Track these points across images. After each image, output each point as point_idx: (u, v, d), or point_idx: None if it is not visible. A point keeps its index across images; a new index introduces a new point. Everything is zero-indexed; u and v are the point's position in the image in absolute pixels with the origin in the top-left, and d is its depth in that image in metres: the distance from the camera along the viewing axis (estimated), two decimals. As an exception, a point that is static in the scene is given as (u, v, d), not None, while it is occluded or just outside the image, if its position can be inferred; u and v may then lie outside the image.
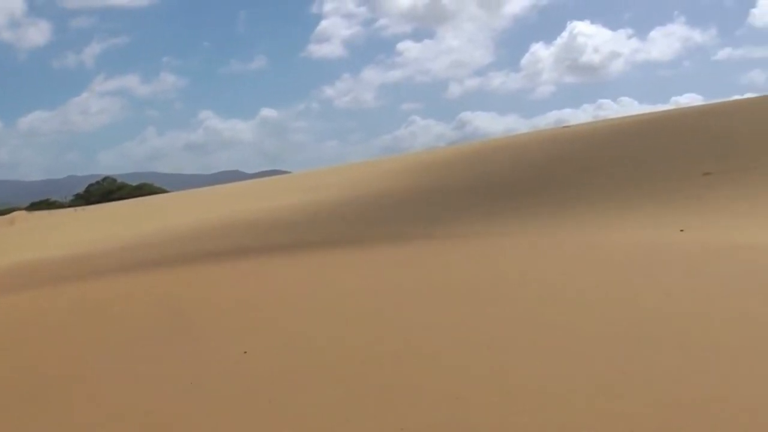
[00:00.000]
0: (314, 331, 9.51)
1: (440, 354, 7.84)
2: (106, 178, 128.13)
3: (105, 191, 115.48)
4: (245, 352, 8.37)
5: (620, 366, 6.98)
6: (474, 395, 6.43)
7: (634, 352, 7.39)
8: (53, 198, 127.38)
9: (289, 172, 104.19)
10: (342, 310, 10.81)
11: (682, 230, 17.73)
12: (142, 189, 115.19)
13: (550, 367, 7.09)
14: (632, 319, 8.85)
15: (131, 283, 16.67)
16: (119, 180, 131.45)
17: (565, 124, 67.11)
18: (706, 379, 6.43)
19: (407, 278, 13.66)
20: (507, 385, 6.63)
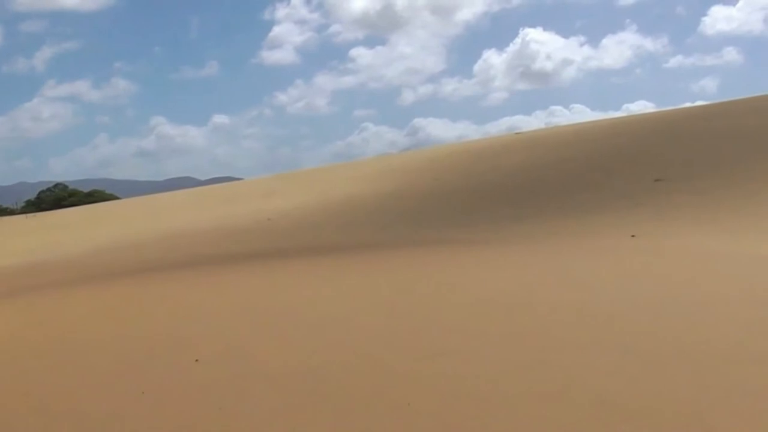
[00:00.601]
0: (267, 339, 9.47)
1: (391, 362, 7.82)
2: (57, 185, 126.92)
3: (56, 198, 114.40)
4: (197, 360, 8.32)
5: (565, 370, 7.01)
6: (424, 402, 6.42)
7: (580, 357, 7.42)
8: (4, 205, 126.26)
9: (242, 179, 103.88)
10: (295, 319, 10.77)
11: (633, 236, 17.85)
12: (94, 196, 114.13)
13: (501, 373, 7.11)
14: (581, 324, 8.90)
15: (83, 294, 16.51)
16: (71, 187, 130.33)
17: (516, 131, 67.30)
18: (649, 383, 6.47)
19: (362, 286, 13.65)
20: (458, 393, 6.62)
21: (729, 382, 6.45)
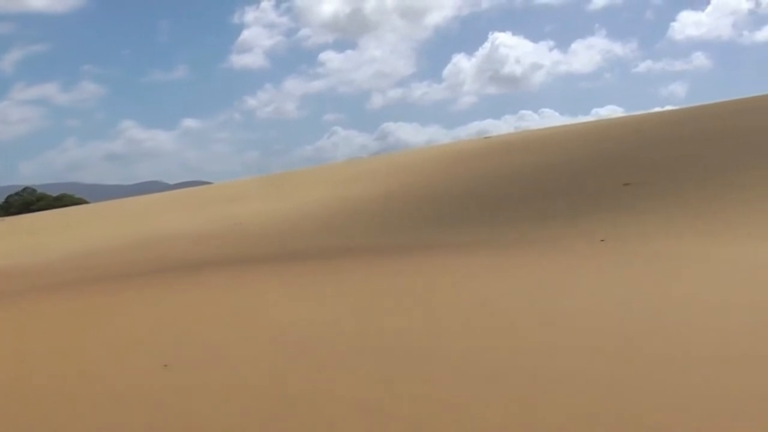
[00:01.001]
0: (237, 345, 9.45)
1: (361, 365, 7.82)
2: (25, 189, 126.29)
3: (25, 202, 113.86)
4: (165, 366, 8.29)
5: (536, 376, 7.02)
6: (395, 407, 6.41)
7: (547, 361, 7.44)
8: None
9: (211, 183, 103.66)
10: (263, 323, 10.77)
11: (602, 240, 17.90)
12: (63, 200, 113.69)
13: (471, 379, 7.11)
14: (547, 330, 8.92)
15: (56, 299, 16.45)
16: (39, 190, 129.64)
17: (486, 135, 67.42)
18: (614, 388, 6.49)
19: (331, 290, 13.65)
20: (429, 398, 6.62)
21: (707, 384, 6.49)
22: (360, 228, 26.72)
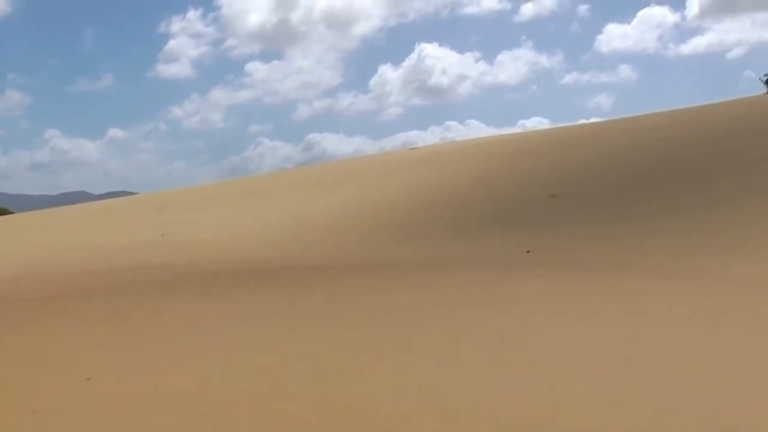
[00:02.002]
0: (159, 355, 9.34)
1: (287, 378, 7.78)
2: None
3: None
4: (89, 379, 8.16)
5: (464, 389, 7.02)
6: (321, 422, 6.38)
7: (479, 375, 7.45)
8: None
9: (136, 193, 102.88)
10: (191, 336, 10.66)
11: (528, 251, 17.99)
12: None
13: (397, 391, 7.10)
14: (475, 340, 8.95)
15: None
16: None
17: (412, 147, 67.58)
18: (549, 400, 6.50)
19: (258, 302, 13.58)
20: (361, 414, 6.58)
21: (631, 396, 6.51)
22: (279, 242, 26.61)
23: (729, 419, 5.99)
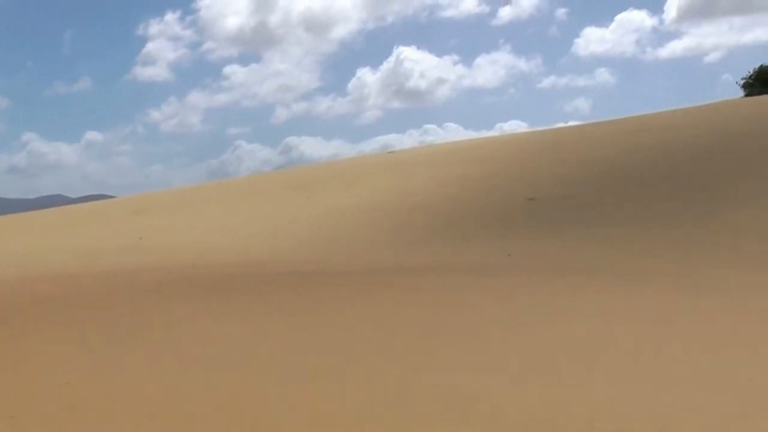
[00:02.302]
0: (137, 359, 9.31)
1: (265, 385, 7.76)
2: None
3: None
4: (66, 383, 8.12)
5: (437, 390, 7.01)
6: (280, 424, 6.39)
7: (453, 376, 7.45)
8: None
9: (114, 197, 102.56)
10: (168, 338, 10.63)
11: (509, 255, 18.01)
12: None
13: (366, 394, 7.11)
14: (450, 343, 8.95)
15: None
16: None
17: (390, 150, 67.55)
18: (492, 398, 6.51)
19: (244, 305, 13.55)
20: (323, 414, 6.59)
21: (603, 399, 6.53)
22: (261, 247, 26.56)
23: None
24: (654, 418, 6.06)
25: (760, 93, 58.94)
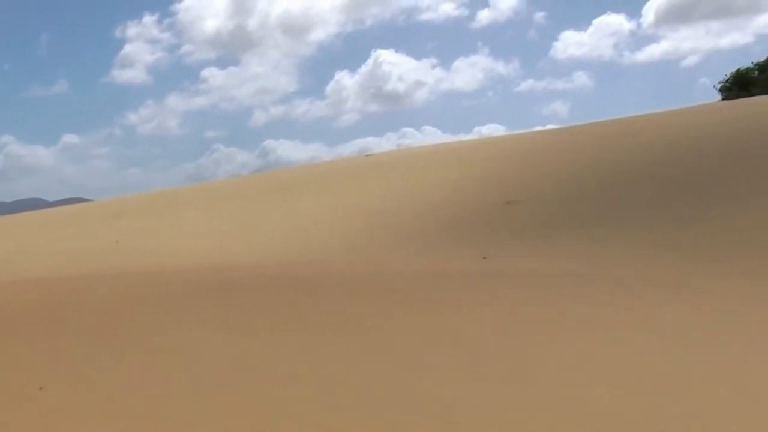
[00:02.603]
0: (113, 365, 9.28)
1: (245, 389, 7.75)
2: None
3: None
4: (41, 388, 8.09)
5: (411, 390, 7.02)
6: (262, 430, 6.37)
7: (427, 379, 7.46)
8: None
9: (91, 200, 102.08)
10: (145, 344, 10.59)
11: (484, 258, 18.02)
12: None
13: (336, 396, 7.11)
14: (423, 349, 8.96)
15: None
16: None
17: (367, 153, 67.51)
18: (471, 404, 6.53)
19: (222, 310, 13.52)
20: (304, 420, 6.59)
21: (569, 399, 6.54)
22: (237, 251, 26.52)
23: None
24: (647, 423, 6.10)
25: (737, 97, 59.30)
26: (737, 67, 68.71)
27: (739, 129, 33.91)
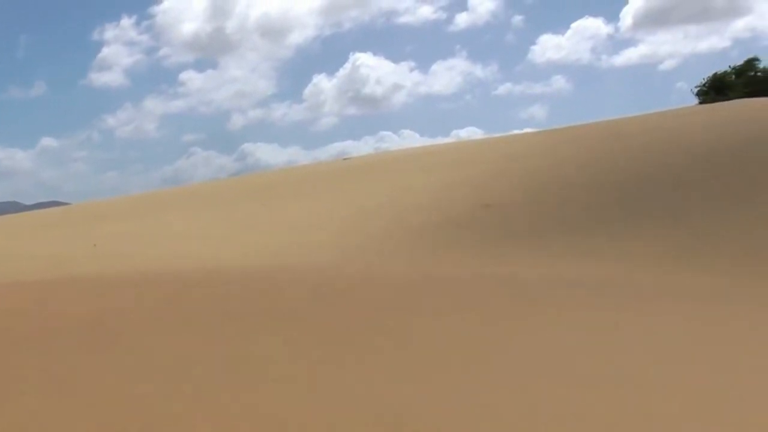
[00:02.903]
0: (93, 368, 9.27)
1: (221, 389, 7.78)
2: None
3: None
4: (22, 394, 8.10)
5: (395, 398, 7.05)
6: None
7: (409, 385, 7.49)
8: None
9: (69, 204, 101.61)
10: (126, 347, 10.60)
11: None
12: None
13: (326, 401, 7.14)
14: (402, 354, 9.00)
15: None
16: None
17: (345, 157, 67.49)
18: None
19: (203, 313, 13.53)
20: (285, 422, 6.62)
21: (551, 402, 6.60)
22: (214, 254, 26.50)
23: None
24: (629, 422, 6.15)
25: (714, 100, 59.61)
26: (714, 71, 69.13)
27: (717, 132, 34.12)
